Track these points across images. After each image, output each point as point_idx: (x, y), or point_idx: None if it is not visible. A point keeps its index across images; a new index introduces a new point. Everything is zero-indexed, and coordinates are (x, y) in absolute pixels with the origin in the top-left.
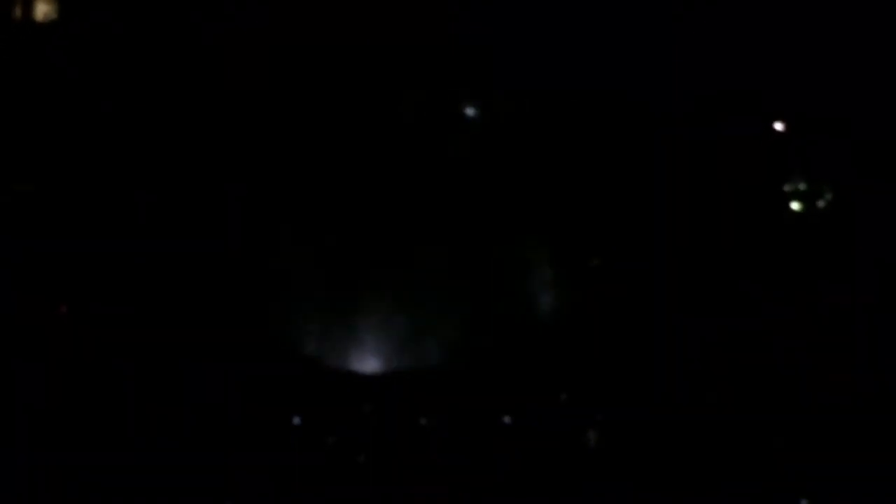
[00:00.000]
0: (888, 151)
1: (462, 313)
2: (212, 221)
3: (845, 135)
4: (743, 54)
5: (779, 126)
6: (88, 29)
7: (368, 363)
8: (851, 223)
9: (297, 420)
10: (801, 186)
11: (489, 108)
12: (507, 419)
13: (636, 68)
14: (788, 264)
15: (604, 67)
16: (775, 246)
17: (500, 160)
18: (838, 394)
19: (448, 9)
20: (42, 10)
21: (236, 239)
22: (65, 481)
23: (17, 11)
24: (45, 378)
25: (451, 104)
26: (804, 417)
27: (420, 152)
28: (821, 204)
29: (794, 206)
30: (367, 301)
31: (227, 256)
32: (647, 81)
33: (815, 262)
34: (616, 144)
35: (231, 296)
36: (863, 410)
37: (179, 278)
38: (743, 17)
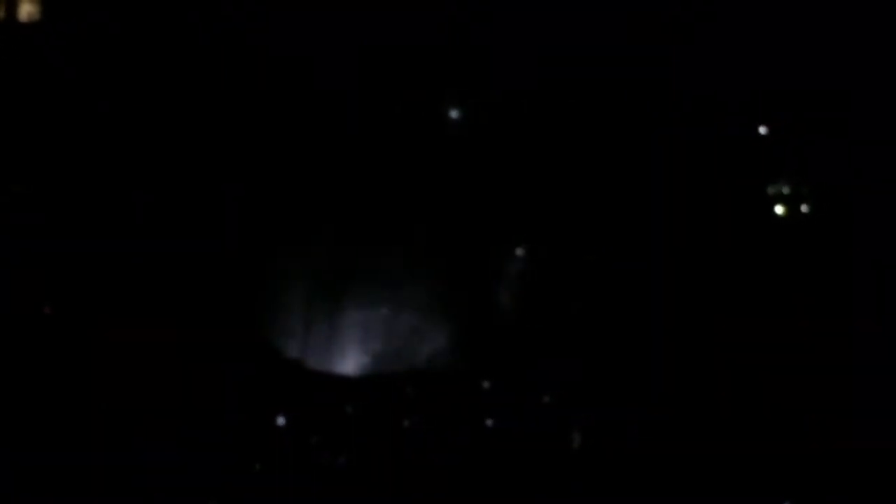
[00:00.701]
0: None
1: (446, 315)
2: (196, 222)
3: (844, 137)
4: (740, 56)
5: (774, 128)
6: (74, 29)
7: (352, 364)
8: (848, 225)
9: (281, 420)
10: (786, 190)
11: (484, 108)
12: (489, 421)
13: (630, 69)
14: (784, 266)
15: (599, 68)
16: (769, 248)
17: (491, 161)
18: (828, 395)
19: (446, 9)
20: (26, 10)
21: (220, 240)
22: (51, 482)
23: (1, 12)
24: (36, 378)
25: (446, 104)
26: (793, 419)
27: (411, 153)
28: (814, 207)
29: (782, 209)
30: (352, 302)
31: (211, 257)
32: (642, 83)
33: (810, 263)
34: (610, 145)
35: (215, 296)
36: (852, 412)
37: (163, 279)
38: (742, 18)
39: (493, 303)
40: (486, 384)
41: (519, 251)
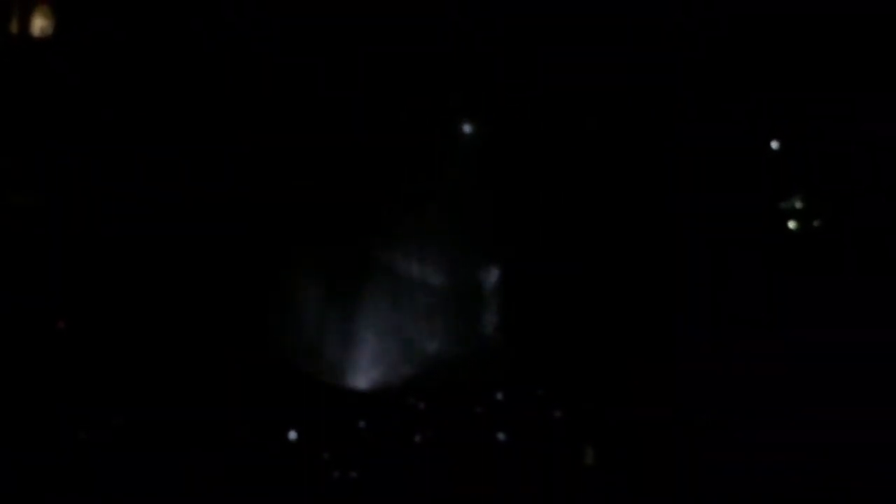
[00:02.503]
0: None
1: (458, 329)
2: (208, 236)
3: (844, 150)
4: (749, 66)
5: (776, 143)
6: (85, 42)
7: (364, 379)
8: (851, 237)
9: (293, 435)
10: (798, 204)
11: (487, 119)
12: (501, 436)
13: (637, 79)
14: (787, 277)
15: (605, 78)
16: (773, 259)
17: (502, 172)
18: (835, 405)
19: (448, 16)
20: (39, 25)
21: (232, 254)
22: (56, 485)
23: (15, 25)
24: (45, 384)
25: (449, 113)
26: (801, 430)
27: (418, 165)
28: (819, 221)
29: (791, 223)
30: (364, 317)
31: (223, 272)
32: (650, 92)
33: (813, 276)
34: (616, 156)
35: (228, 312)
36: (859, 420)
37: (176, 294)
38: (744, 28)
39: (506, 318)
40: (498, 398)
41: (531, 264)
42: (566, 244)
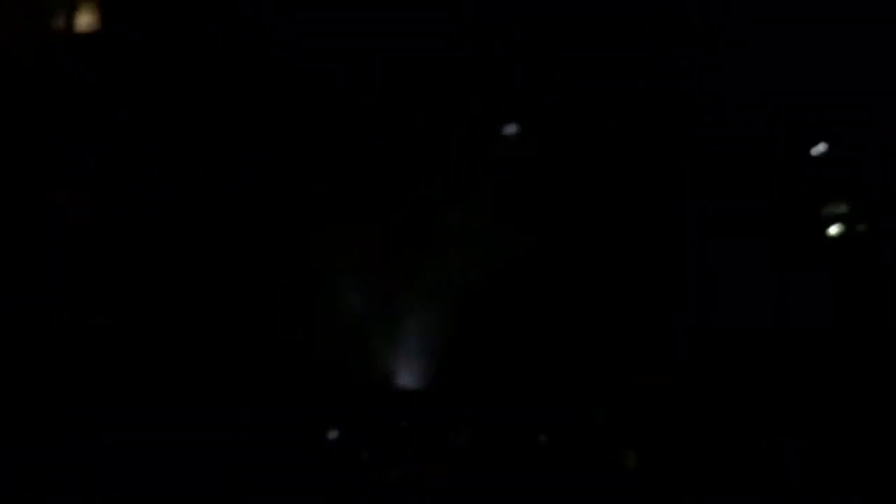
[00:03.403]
0: None
1: (500, 329)
2: (249, 235)
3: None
4: (784, 72)
5: (820, 148)
6: (130, 38)
7: (406, 380)
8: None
9: (333, 434)
10: (841, 209)
11: (502, 123)
12: (543, 437)
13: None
14: (786, 277)
15: (629, 83)
16: (772, 260)
17: (506, 175)
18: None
19: (467, 22)
20: (85, 21)
21: (274, 253)
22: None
23: (61, 22)
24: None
25: (469, 118)
26: (798, 429)
27: (437, 168)
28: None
29: (833, 229)
30: (408, 318)
31: (266, 271)
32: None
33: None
34: (629, 158)
35: (268, 312)
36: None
37: (220, 290)
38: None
39: (546, 318)
40: (539, 399)
41: (534, 264)
42: (576, 246)
